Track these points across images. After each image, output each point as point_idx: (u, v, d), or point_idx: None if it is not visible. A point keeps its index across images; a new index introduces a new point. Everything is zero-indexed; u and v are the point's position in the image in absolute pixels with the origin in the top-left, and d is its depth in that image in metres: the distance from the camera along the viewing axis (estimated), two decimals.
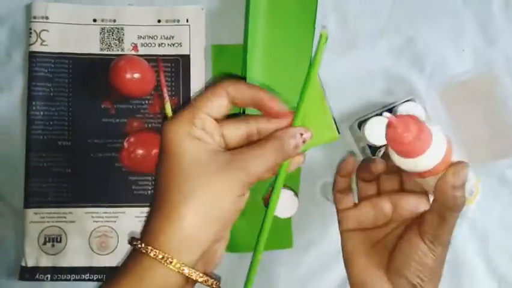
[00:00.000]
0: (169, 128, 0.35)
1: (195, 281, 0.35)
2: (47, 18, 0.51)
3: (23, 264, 0.49)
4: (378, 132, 0.47)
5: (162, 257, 0.33)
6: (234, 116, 0.39)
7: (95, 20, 0.52)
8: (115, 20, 0.52)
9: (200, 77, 0.52)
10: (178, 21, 0.53)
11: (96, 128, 0.51)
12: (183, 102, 0.52)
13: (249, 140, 0.38)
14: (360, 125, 0.49)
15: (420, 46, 0.53)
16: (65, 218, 0.50)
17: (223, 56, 0.53)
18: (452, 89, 0.49)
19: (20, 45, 0.52)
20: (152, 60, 0.52)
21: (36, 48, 0.51)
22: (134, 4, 0.53)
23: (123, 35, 0.52)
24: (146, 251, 0.33)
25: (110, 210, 0.51)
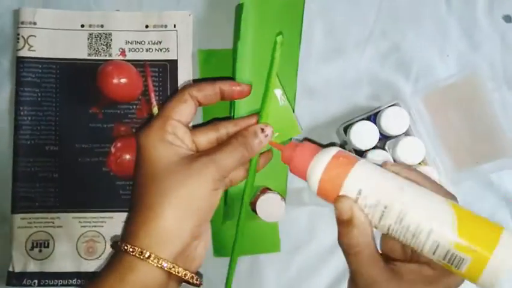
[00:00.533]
0: (143, 136, 0.38)
1: (178, 277, 0.36)
2: (34, 23, 0.52)
3: (10, 269, 0.49)
4: (363, 136, 0.48)
5: (141, 252, 0.34)
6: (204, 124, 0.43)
7: (83, 26, 0.52)
8: (102, 26, 0.53)
9: (187, 82, 0.52)
10: (165, 27, 0.53)
11: (84, 132, 0.51)
12: None
13: (219, 143, 0.41)
14: (346, 129, 0.49)
15: (406, 52, 0.54)
16: (53, 223, 0.50)
17: (210, 61, 0.53)
18: (436, 94, 0.50)
19: (8, 50, 0.52)
20: (140, 65, 0.52)
21: (24, 53, 0.51)
22: (122, 10, 0.53)
23: (111, 40, 0.52)
24: (125, 249, 0.34)
25: (97, 215, 0.51)
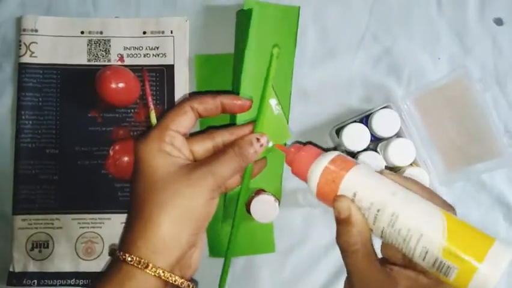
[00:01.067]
0: (141, 146, 0.39)
1: (174, 286, 0.36)
2: (36, 30, 0.53)
3: (11, 269, 0.51)
4: (355, 138, 0.49)
5: (139, 261, 0.35)
6: (200, 132, 0.43)
7: (82, 32, 0.54)
8: (101, 32, 0.54)
9: (184, 86, 0.54)
10: (162, 33, 0.54)
11: (83, 136, 0.53)
12: (168, 111, 0.53)
13: (215, 152, 0.41)
14: (339, 131, 0.50)
15: (397, 55, 0.55)
16: (53, 224, 0.52)
17: (206, 65, 0.54)
18: (427, 96, 0.51)
19: (10, 56, 0.54)
20: (138, 70, 0.53)
21: (26, 59, 0.53)
22: (121, 16, 0.55)
23: (110, 46, 0.54)
24: (124, 258, 0.35)
25: (96, 217, 0.52)
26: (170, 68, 0.54)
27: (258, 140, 0.40)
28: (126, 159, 0.51)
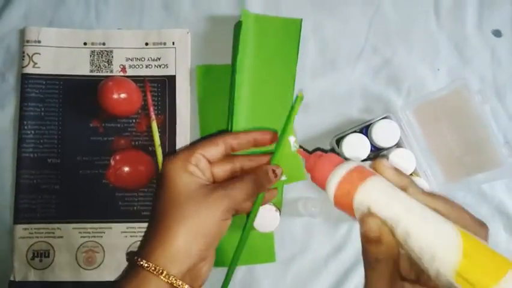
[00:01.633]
0: (168, 164, 0.43)
1: None
2: (39, 42, 0.54)
3: (11, 278, 0.51)
4: (355, 148, 0.49)
5: (155, 268, 0.38)
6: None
7: (85, 43, 0.55)
8: (104, 43, 0.55)
9: (185, 96, 0.54)
10: (164, 44, 0.55)
11: (85, 146, 0.53)
12: (169, 121, 0.54)
13: (233, 175, 0.45)
14: (339, 141, 0.51)
15: (397, 66, 0.55)
16: (53, 233, 0.52)
17: (207, 76, 0.55)
18: (427, 106, 0.51)
19: (13, 67, 0.54)
20: (140, 80, 0.54)
21: (29, 70, 0.53)
22: (123, 28, 0.55)
23: (112, 57, 0.55)
24: (141, 264, 0.39)
25: (96, 226, 0.52)
26: (172, 79, 0.55)
27: (273, 171, 0.44)
28: (127, 169, 0.52)
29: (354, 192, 0.32)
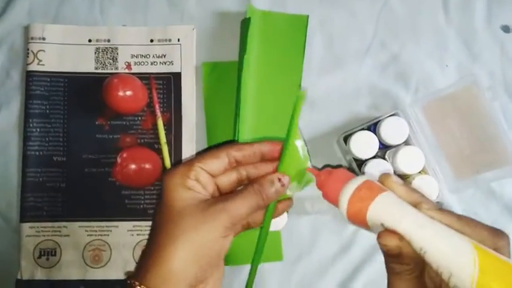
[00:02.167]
0: (167, 179, 0.39)
1: None
2: (43, 39, 0.53)
3: (18, 277, 0.51)
4: (363, 146, 0.48)
5: None
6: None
7: (90, 40, 0.54)
8: (109, 40, 0.54)
9: (191, 94, 0.54)
10: (169, 41, 0.55)
11: (90, 143, 0.53)
12: (175, 118, 0.54)
13: (240, 184, 0.41)
14: (346, 138, 0.50)
15: (405, 62, 0.55)
16: (60, 231, 0.52)
17: (213, 73, 0.54)
18: (435, 103, 0.50)
19: (18, 64, 0.54)
20: (145, 78, 0.53)
21: (33, 67, 0.53)
22: (128, 25, 0.55)
23: (117, 54, 0.54)
24: (133, 286, 0.36)
25: (103, 224, 0.52)
26: (177, 76, 0.54)
27: (279, 179, 0.40)
28: (133, 166, 0.51)
29: (366, 210, 0.32)
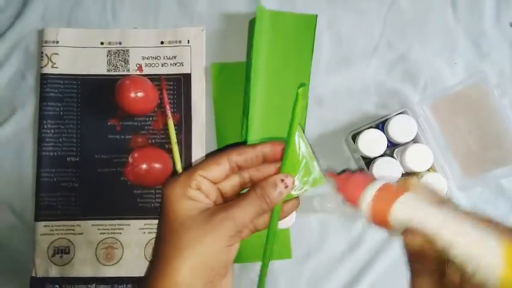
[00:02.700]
0: (167, 189, 0.38)
1: None
2: (57, 42, 0.55)
3: (33, 274, 0.52)
4: (371, 144, 0.49)
5: None
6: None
7: (102, 43, 0.55)
8: (120, 43, 0.55)
9: (201, 94, 0.55)
10: (179, 42, 0.55)
11: (103, 144, 0.54)
12: (185, 119, 0.54)
13: (243, 187, 0.40)
14: (355, 137, 0.50)
15: (413, 60, 0.55)
16: (73, 230, 0.53)
17: (222, 74, 0.55)
18: (444, 101, 0.51)
19: (33, 68, 0.55)
20: (156, 79, 0.54)
21: (48, 70, 0.54)
22: (139, 27, 0.56)
23: (128, 56, 0.55)
24: None
25: (115, 223, 0.53)
26: (187, 77, 0.55)
27: (282, 181, 0.38)
28: (144, 166, 0.52)
29: (389, 210, 0.32)
